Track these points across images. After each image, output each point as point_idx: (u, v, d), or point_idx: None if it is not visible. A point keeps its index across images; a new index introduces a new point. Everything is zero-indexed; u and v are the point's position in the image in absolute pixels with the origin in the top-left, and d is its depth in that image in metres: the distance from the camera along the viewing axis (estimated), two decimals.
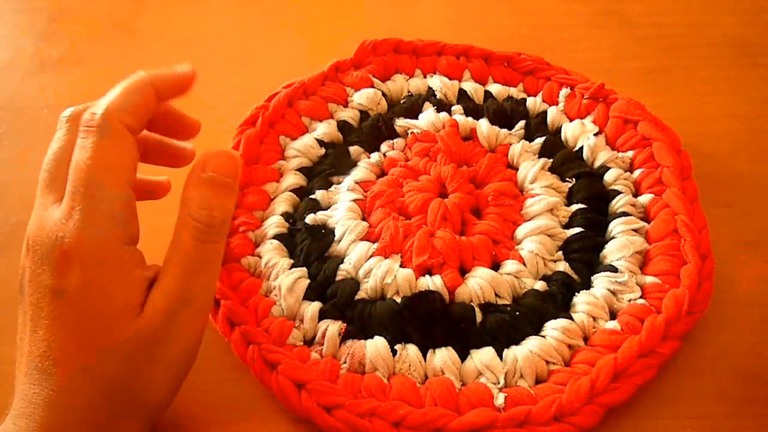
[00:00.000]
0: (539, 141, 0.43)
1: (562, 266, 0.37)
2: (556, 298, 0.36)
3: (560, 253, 0.38)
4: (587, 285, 0.37)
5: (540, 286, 0.36)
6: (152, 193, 0.35)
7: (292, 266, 0.37)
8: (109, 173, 0.26)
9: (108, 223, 0.25)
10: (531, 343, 0.34)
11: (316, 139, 0.43)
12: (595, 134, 0.43)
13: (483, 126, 0.43)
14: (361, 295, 0.36)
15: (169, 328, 0.27)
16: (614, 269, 0.36)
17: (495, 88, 0.47)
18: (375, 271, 0.36)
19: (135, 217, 0.27)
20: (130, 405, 0.27)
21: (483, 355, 0.33)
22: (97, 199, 0.25)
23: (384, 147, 0.43)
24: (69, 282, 0.25)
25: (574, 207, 0.40)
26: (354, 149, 0.43)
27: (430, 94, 0.46)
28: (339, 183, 0.42)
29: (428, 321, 0.34)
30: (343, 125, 0.44)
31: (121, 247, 0.26)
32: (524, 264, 0.37)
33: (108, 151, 0.26)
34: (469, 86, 0.47)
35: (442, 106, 0.45)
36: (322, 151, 0.43)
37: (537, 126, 0.44)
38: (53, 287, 0.25)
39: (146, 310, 0.26)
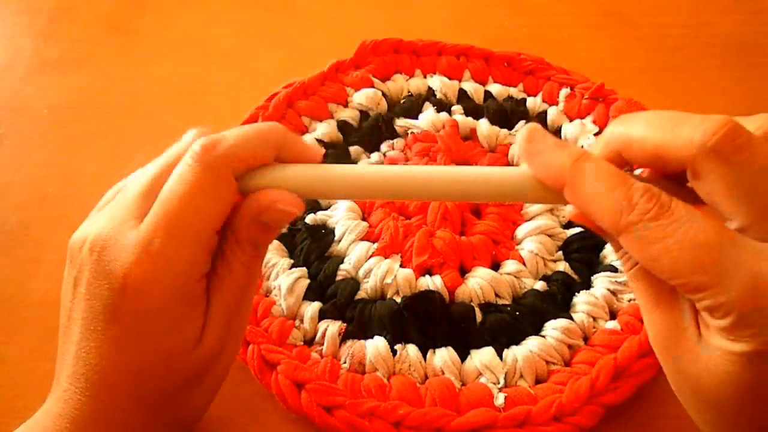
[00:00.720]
0: None
1: (562, 266, 0.37)
2: (556, 298, 0.36)
3: (560, 253, 0.38)
4: (587, 285, 0.37)
5: (540, 286, 0.36)
6: None
7: (292, 266, 0.37)
8: (200, 217, 0.24)
9: (184, 267, 0.24)
10: (531, 343, 0.34)
11: (316, 139, 0.43)
12: (595, 134, 0.43)
13: (483, 126, 0.43)
14: (361, 295, 0.36)
15: (222, 348, 0.27)
16: (614, 269, 0.36)
17: (495, 88, 0.47)
18: (375, 271, 0.36)
19: (212, 256, 0.26)
20: (172, 420, 0.27)
21: (483, 355, 0.33)
22: (181, 241, 0.24)
23: (384, 147, 0.43)
24: (129, 313, 0.24)
25: None
26: (354, 149, 0.43)
27: (430, 94, 0.46)
28: None
29: (428, 321, 0.34)
30: (343, 125, 0.44)
31: (193, 284, 0.25)
32: (524, 264, 0.37)
33: (208, 194, 0.24)
34: (469, 86, 0.47)
35: (442, 106, 0.45)
36: (322, 151, 0.43)
37: None
38: (112, 309, 0.24)
39: (205, 337, 0.26)
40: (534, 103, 0.46)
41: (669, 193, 0.22)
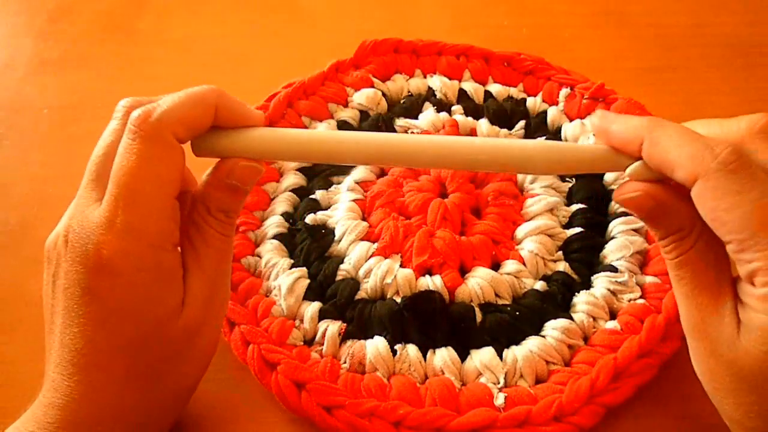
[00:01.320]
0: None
1: (562, 266, 0.37)
2: (556, 298, 0.36)
3: (560, 253, 0.38)
4: (587, 285, 0.37)
5: (540, 286, 0.36)
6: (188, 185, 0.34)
7: (292, 266, 0.37)
8: (155, 185, 0.25)
9: (151, 238, 0.25)
10: (531, 343, 0.34)
11: None
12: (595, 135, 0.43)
13: (483, 126, 0.43)
14: (361, 295, 0.36)
15: (205, 317, 0.27)
16: (614, 269, 0.36)
17: (495, 88, 0.47)
18: (375, 271, 0.36)
19: (177, 224, 0.27)
20: (163, 397, 0.27)
21: (483, 355, 0.33)
22: (142, 211, 0.25)
23: None
24: (107, 289, 0.24)
25: (574, 207, 0.40)
26: None
27: (430, 94, 0.46)
28: (339, 183, 0.42)
29: (428, 321, 0.34)
30: (343, 125, 0.44)
31: (162, 255, 0.25)
32: (524, 264, 0.37)
33: (156, 162, 0.25)
34: (469, 86, 0.47)
35: (442, 106, 0.45)
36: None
37: (537, 126, 0.44)
38: (90, 290, 0.24)
39: (186, 307, 0.26)
40: (534, 103, 0.46)
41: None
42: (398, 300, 0.35)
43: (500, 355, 0.33)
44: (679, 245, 0.25)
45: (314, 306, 0.35)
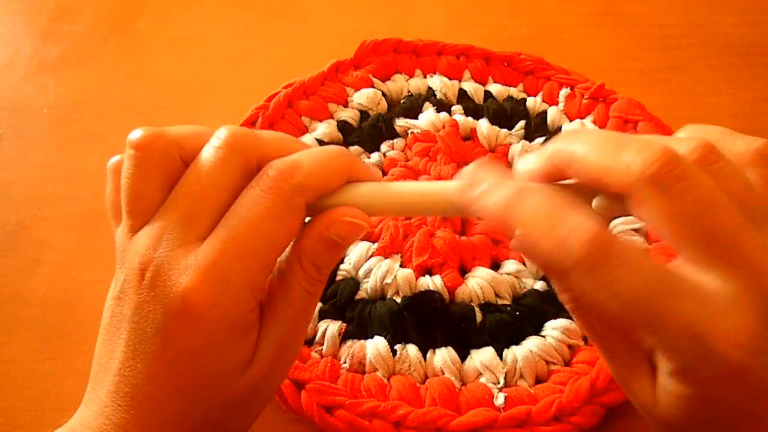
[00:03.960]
0: (539, 141, 0.43)
1: None
2: (556, 297, 0.36)
3: None
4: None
5: (540, 286, 0.36)
6: None
7: None
8: (269, 245, 0.24)
9: (244, 293, 0.24)
10: (531, 343, 0.34)
11: (316, 139, 0.43)
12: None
13: (483, 126, 0.43)
14: (361, 295, 0.36)
15: (272, 374, 0.26)
16: None
17: (495, 88, 0.47)
18: (375, 271, 0.36)
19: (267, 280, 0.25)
20: None
21: (483, 355, 0.33)
22: (245, 267, 0.23)
23: (384, 147, 0.43)
24: (183, 333, 0.23)
25: None
26: (354, 149, 0.43)
27: (430, 94, 0.46)
28: None
29: (428, 321, 0.34)
30: (343, 125, 0.44)
31: (246, 311, 0.24)
32: (524, 264, 0.37)
33: (280, 224, 0.24)
34: (469, 86, 0.47)
35: (442, 106, 0.45)
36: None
37: (537, 126, 0.44)
38: (165, 331, 0.23)
39: (255, 362, 0.25)
40: (534, 103, 0.46)
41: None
42: (398, 300, 0.35)
43: (500, 355, 0.33)
44: (574, 308, 0.24)
45: None
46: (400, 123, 0.44)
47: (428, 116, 0.44)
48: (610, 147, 0.22)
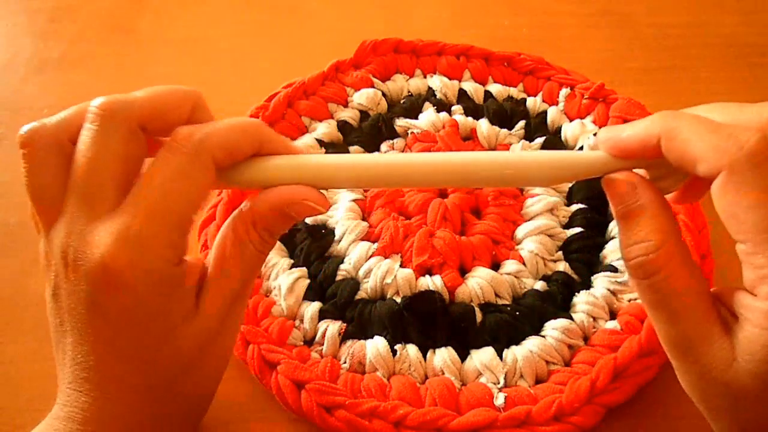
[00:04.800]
0: (539, 141, 0.43)
1: (562, 266, 0.37)
2: (556, 298, 0.36)
3: (560, 253, 0.38)
4: (587, 285, 0.37)
5: (540, 286, 0.36)
6: None
7: (292, 266, 0.37)
8: (181, 203, 0.24)
9: (162, 251, 0.24)
10: (531, 343, 0.34)
11: (316, 139, 0.43)
12: (595, 134, 0.43)
13: (483, 126, 0.43)
14: (361, 295, 0.36)
15: (223, 326, 0.27)
16: (614, 269, 0.36)
17: (495, 88, 0.47)
18: (375, 271, 0.36)
19: (188, 240, 0.26)
20: (178, 407, 0.27)
21: (483, 355, 0.33)
22: (160, 226, 0.24)
23: (384, 147, 0.43)
24: (114, 304, 0.24)
25: (574, 207, 0.40)
26: (354, 149, 0.43)
27: (430, 94, 0.46)
28: None
29: (428, 321, 0.34)
30: (343, 125, 0.44)
31: (173, 268, 0.25)
32: (524, 264, 0.37)
33: (189, 181, 0.24)
34: (469, 86, 0.47)
35: (442, 106, 0.45)
36: (322, 151, 0.43)
37: (537, 126, 0.44)
38: (97, 305, 0.24)
39: (202, 312, 0.26)
40: (534, 103, 0.46)
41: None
42: (398, 300, 0.35)
43: (500, 355, 0.33)
44: (646, 261, 0.23)
45: (314, 306, 0.35)
46: (400, 123, 0.44)
47: (428, 116, 0.44)
48: (706, 126, 0.22)
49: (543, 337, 0.34)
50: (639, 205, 0.24)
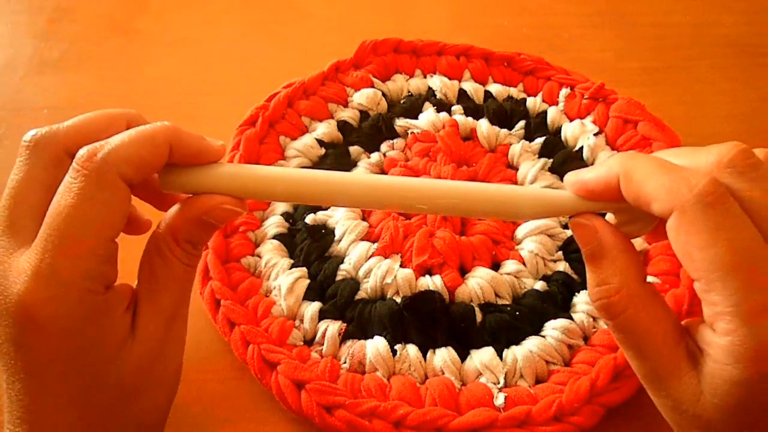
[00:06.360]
0: (539, 141, 0.43)
1: (562, 266, 0.37)
2: (556, 298, 0.36)
3: (560, 253, 0.38)
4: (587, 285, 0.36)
5: (540, 286, 0.36)
6: (137, 229, 0.31)
7: (292, 266, 0.37)
8: (91, 228, 0.23)
9: (82, 283, 0.23)
10: (531, 343, 0.34)
11: (316, 139, 0.43)
12: (595, 134, 0.43)
13: (483, 126, 0.43)
14: (361, 295, 0.36)
15: (164, 347, 0.26)
16: None
17: (495, 88, 0.47)
18: (375, 271, 0.36)
19: (114, 265, 0.25)
20: (128, 427, 0.26)
21: (483, 355, 0.33)
22: (72, 255, 0.23)
23: (384, 147, 0.43)
24: (38, 341, 0.23)
25: None
26: (354, 149, 0.43)
27: (430, 94, 0.46)
28: None
29: (428, 321, 0.34)
30: (343, 125, 0.44)
31: (96, 297, 0.24)
32: (524, 264, 0.37)
33: (97, 204, 0.23)
34: (469, 86, 0.47)
35: (442, 106, 0.45)
36: (322, 151, 0.43)
37: (537, 126, 0.44)
38: (21, 345, 0.23)
39: (140, 335, 0.25)
40: (534, 103, 0.46)
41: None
42: (398, 300, 0.35)
43: (500, 355, 0.33)
44: (608, 303, 0.24)
45: (314, 306, 0.35)
46: (400, 123, 0.44)
47: (428, 116, 0.44)
48: (686, 152, 0.24)
49: (543, 337, 0.34)
50: (600, 247, 0.25)
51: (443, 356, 0.33)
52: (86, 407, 0.25)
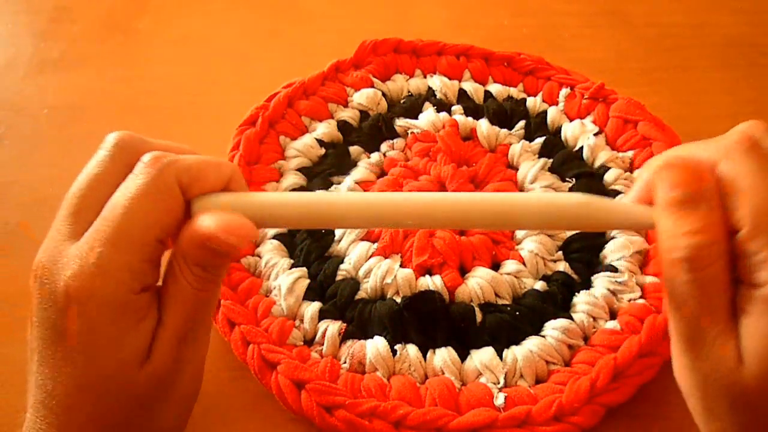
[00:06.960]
0: (539, 141, 0.43)
1: (562, 266, 0.37)
2: (556, 298, 0.36)
3: (560, 253, 0.38)
4: (587, 285, 0.37)
5: (540, 286, 0.36)
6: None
7: (292, 266, 0.37)
8: (143, 226, 0.24)
9: (124, 276, 0.24)
10: (531, 343, 0.34)
11: (316, 139, 0.43)
12: (595, 134, 0.43)
13: (483, 126, 0.43)
14: (361, 295, 0.36)
15: (176, 368, 0.26)
16: (614, 269, 0.36)
17: (495, 88, 0.47)
18: (375, 271, 0.36)
19: (157, 266, 0.25)
20: None
21: (483, 355, 0.33)
22: (121, 248, 0.23)
23: (384, 147, 0.43)
24: (72, 328, 0.23)
25: None
26: (354, 149, 0.43)
27: (430, 94, 0.46)
28: (339, 183, 0.42)
29: (428, 321, 0.34)
30: (343, 125, 0.44)
31: (132, 297, 0.24)
32: (524, 264, 0.37)
33: (152, 202, 0.24)
34: (469, 86, 0.47)
35: (442, 106, 0.45)
36: (322, 151, 0.43)
37: (537, 126, 0.44)
38: (59, 328, 0.23)
39: (154, 354, 0.25)
40: (534, 103, 0.46)
41: None
42: (398, 300, 0.35)
43: (500, 355, 0.33)
44: (698, 255, 0.22)
45: (314, 306, 0.35)
46: (400, 123, 0.44)
47: (428, 116, 0.44)
48: (706, 142, 0.25)
49: (543, 337, 0.34)
50: (700, 194, 0.23)
51: (443, 356, 0.33)
52: (98, 406, 0.24)
